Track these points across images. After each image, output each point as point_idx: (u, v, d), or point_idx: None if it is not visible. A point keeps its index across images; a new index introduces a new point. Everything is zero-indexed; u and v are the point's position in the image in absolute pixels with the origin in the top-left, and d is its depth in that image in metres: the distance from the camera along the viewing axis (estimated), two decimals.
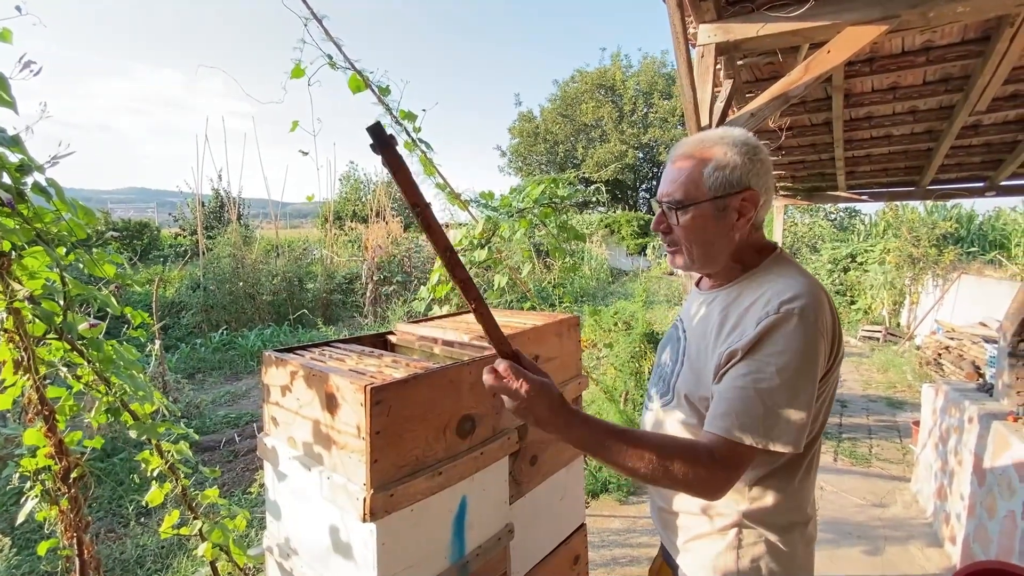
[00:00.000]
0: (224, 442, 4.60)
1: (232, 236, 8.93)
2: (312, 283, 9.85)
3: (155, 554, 3.00)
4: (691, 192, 0.95)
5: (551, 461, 1.74)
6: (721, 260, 0.99)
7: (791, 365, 0.82)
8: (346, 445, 1.13)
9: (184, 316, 8.27)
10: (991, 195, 3.93)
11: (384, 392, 1.08)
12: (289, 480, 1.33)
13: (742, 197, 0.93)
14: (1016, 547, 2.08)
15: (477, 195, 2.53)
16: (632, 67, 24.50)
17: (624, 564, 2.72)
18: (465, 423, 1.29)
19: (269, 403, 1.39)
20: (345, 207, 20.12)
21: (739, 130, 0.98)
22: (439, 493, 1.21)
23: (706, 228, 0.96)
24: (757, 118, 2.10)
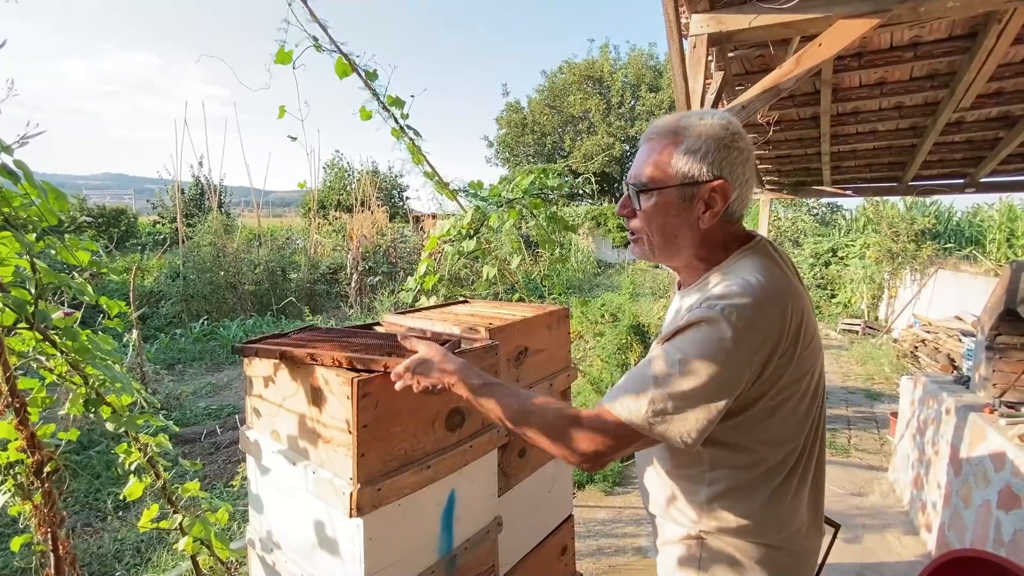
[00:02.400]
0: (205, 434, 4.52)
1: (213, 224, 8.74)
2: (296, 273, 9.71)
3: (134, 548, 2.94)
4: (657, 175, 0.88)
5: (540, 453, 1.73)
6: (684, 254, 0.93)
7: (697, 361, 0.77)
8: (332, 439, 1.11)
9: (163, 306, 8.10)
10: (971, 191, 4.01)
11: (371, 385, 1.06)
12: (273, 474, 1.29)
13: (711, 187, 0.86)
14: (991, 535, 2.13)
15: (466, 184, 2.49)
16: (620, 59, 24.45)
17: (610, 554, 2.74)
18: (454, 416, 1.27)
19: (252, 396, 1.36)
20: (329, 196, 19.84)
21: (721, 113, 0.90)
22: (427, 487, 1.19)
23: (668, 216, 0.89)
24: (748, 110, 2.10)
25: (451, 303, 2.08)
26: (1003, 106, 3.02)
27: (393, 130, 2.26)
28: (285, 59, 1.91)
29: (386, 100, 2.17)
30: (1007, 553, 1.97)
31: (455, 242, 2.52)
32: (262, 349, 1.19)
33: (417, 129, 2.26)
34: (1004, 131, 3.33)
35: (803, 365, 0.84)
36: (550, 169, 2.45)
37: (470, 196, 2.50)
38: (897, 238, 8.41)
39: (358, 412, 1.03)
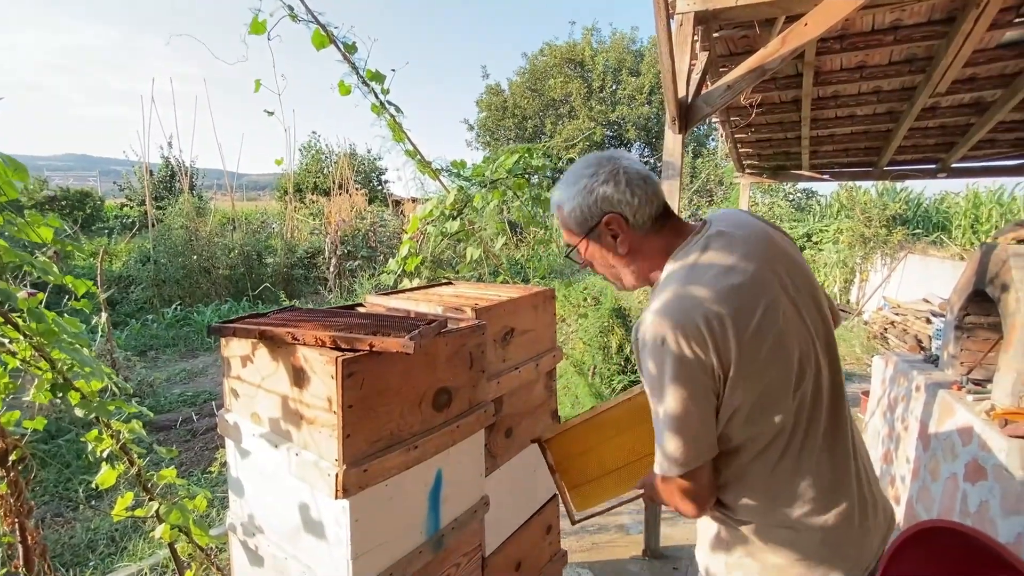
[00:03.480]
0: (180, 421, 4.42)
1: (184, 206, 8.47)
2: (272, 257, 9.49)
3: (108, 538, 2.87)
4: (570, 237, 1.04)
5: (525, 433, 1.73)
6: (639, 274, 1.01)
7: (661, 398, 0.85)
8: (316, 420, 1.08)
9: (134, 291, 7.84)
10: (943, 176, 4.11)
11: (357, 364, 1.03)
12: (253, 458, 1.26)
13: (604, 222, 0.96)
14: (957, 507, 2.22)
15: (448, 164, 2.44)
16: (603, 43, 24.26)
17: (593, 532, 2.78)
18: (441, 396, 1.25)
19: (230, 377, 1.32)
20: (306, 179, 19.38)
21: (576, 166, 1.01)
22: (414, 467, 1.18)
23: (598, 257, 1.02)
24: (733, 90, 2.09)
25: (435, 284, 2.05)
26: (976, 92, 3.08)
27: (373, 106, 2.19)
28: (259, 29, 1.82)
29: (365, 74, 2.10)
30: (973, 523, 2.05)
31: (438, 223, 2.47)
32: (240, 329, 1.14)
33: (398, 105, 2.19)
34: (975, 117, 3.41)
35: (760, 357, 0.84)
36: (534, 148, 2.42)
37: (453, 176, 2.45)
38: (869, 223, 8.61)
39: (343, 392, 1.01)
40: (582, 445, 1.28)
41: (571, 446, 1.29)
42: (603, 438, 1.27)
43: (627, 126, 23.28)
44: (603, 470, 1.26)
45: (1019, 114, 3.34)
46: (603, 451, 1.27)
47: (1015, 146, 3.80)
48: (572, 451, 1.28)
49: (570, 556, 2.42)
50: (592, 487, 1.27)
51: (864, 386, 5.47)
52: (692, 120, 2.20)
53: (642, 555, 2.55)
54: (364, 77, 2.10)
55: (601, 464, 1.26)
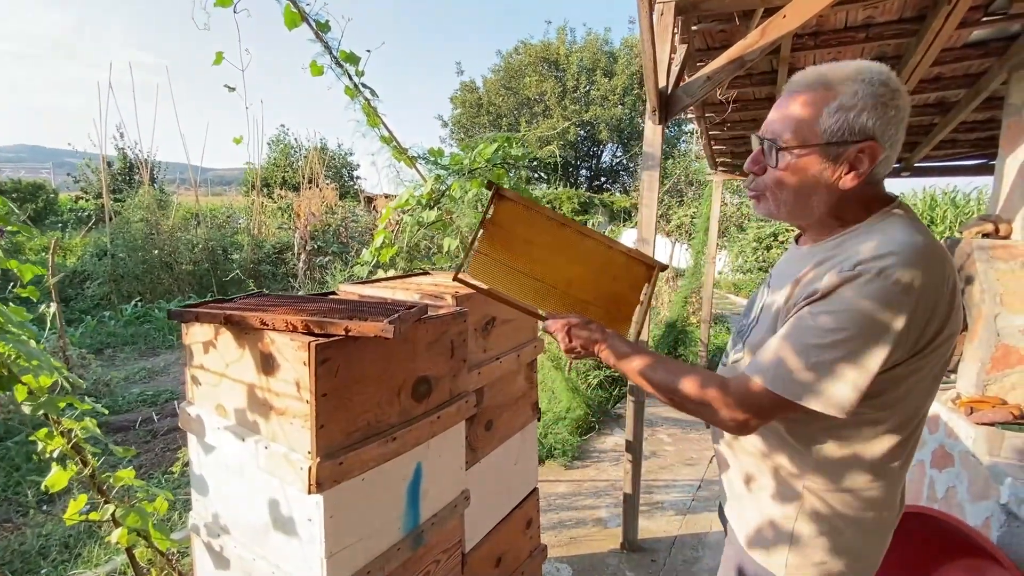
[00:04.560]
0: (140, 421, 4.22)
1: (144, 199, 8.11)
2: (238, 253, 9.18)
3: (61, 544, 2.70)
4: (802, 132, 0.82)
5: (506, 426, 1.69)
6: (815, 213, 0.87)
7: (847, 326, 0.74)
8: (287, 410, 1.01)
9: (89, 286, 7.47)
10: (906, 175, 4.24)
11: (331, 350, 0.96)
12: (218, 452, 1.18)
13: (860, 148, 0.80)
14: (924, 493, 2.28)
15: (425, 152, 2.38)
16: (576, 43, 24.39)
17: (571, 526, 2.75)
18: (421, 385, 1.20)
19: (192, 367, 1.23)
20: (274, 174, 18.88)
21: (878, 66, 0.82)
22: (393, 460, 1.12)
23: (806, 177, 0.83)
24: (713, 81, 2.09)
25: (412, 274, 1.98)
26: (941, 91, 3.18)
27: (347, 88, 2.11)
28: (226, 2, 1.72)
29: (339, 55, 2.01)
30: (940, 507, 2.11)
31: (414, 212, 2.40)
32: (204, 314, 1.06)
33: (373, 88, 2.12)
34: (939, 116, 3.52)
35: (952, 327, 0.80)
36: (514, 138, 2.37)
37: (430, 164, 2.39)
38: None
39: (316, 380, 0.94)
40: (530, 233, 1.08)
41: (519, 224, 1.08)
42: (554, 248, 1.08)
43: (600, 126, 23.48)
44: (528, 269, 1.08)
45: (980, 114, 3.46)
46: (543, 256, 1.08)
47: (975, 146, 3.94)
48: (516, 229, 1.07)
49: (548, 551, 2.39)
50: (502, 270, 1.07)
51: None
52: (672, 110, 2.19)
53: (620, 548, 2.53)
54: (338, 58, 2.02)
55: (531, 262, 1.08)
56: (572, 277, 1.10)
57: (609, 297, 1.11)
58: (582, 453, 3.60)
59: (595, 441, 3.82)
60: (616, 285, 1.11)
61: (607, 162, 25.83)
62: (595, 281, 1.10)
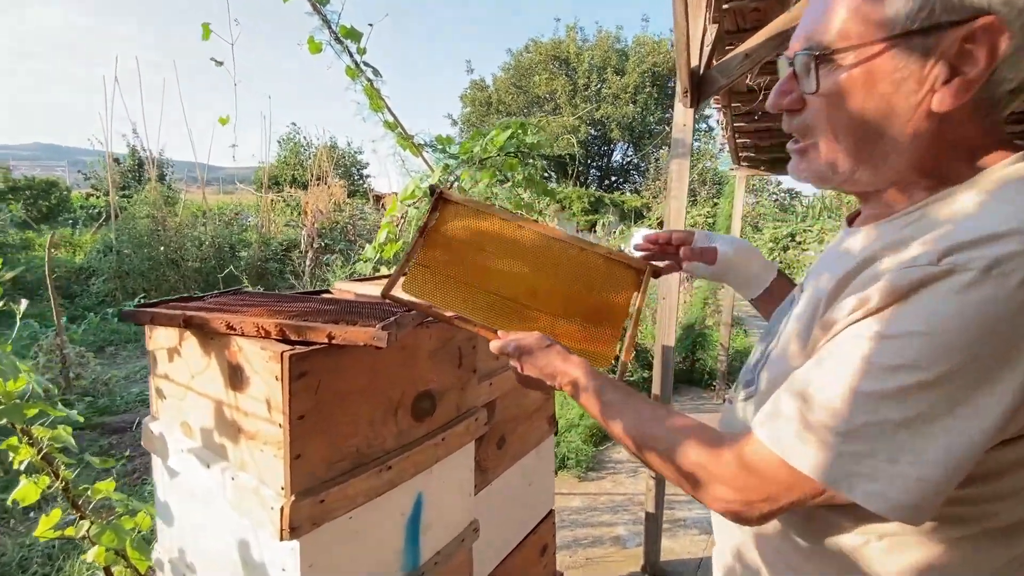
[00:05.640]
0: (136, 423, 4.07)
1: (150, 195, 8.02)
2: (246, 250, 9.08)
3: (44, 555, 2.55)
4: (858, 24, 0.51)
5: (520, 443, 1.49)
6: (891, 165, 0.54)
7: (929, 362, 0.44)
8: (257, 434, 0.82)
9: (94, 283, 7.39)
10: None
11: (310, 362, 0.78)
12: (183, 479, 1.00)
13: (966, 33, 0.47)
14: None
15: (432, 139, 2.20)
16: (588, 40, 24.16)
17: (586, 545, 2.55)
18: (423, 401, 1.01)
19: (156, 377, 1.05)
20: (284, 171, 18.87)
21: None
22: (388, 493, 0.93)
23: (872, 97, 0.51)
24: (752, 60, 1.88)
25: None
26: None
27: (348, 68, 1.93)
28: None
29: (339, 30, 1.83)
30: None
31: (420, 205, 2.21)
32: (161, 315, 0.88)
33: (376, 68, 1.93)
34: None
35: None
36: (529, 124, 2.18)
37: (438, 153, 2.21)
38: None
39: (291, 398, 0.75)
40: (482, 239, 0.89)
41: (468, 230, 0.89)
42: (513, 254, 0.89)
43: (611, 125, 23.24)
44: (480, 281, 0.88)
45: None
46: (500, 265, 0.88)
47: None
48: (464, 236, 0.88)
49: None
50: (449, 285, 0.87)
51: None
52: (706, 92, 1.99)
53: (641, 571, 2.33)
54: (337, 33, 1.84)
55: (484, 273, 0.88)
56: (536, 288, 0.89)
57: (586, 312, 0.89)
58: (597, 464, 3.39)
59: (611, 451, 3.61)
60: (593, 296, 0.89)
61: (618, 161, 25.58)
62: (566, 292, 0.89)
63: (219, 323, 0.82)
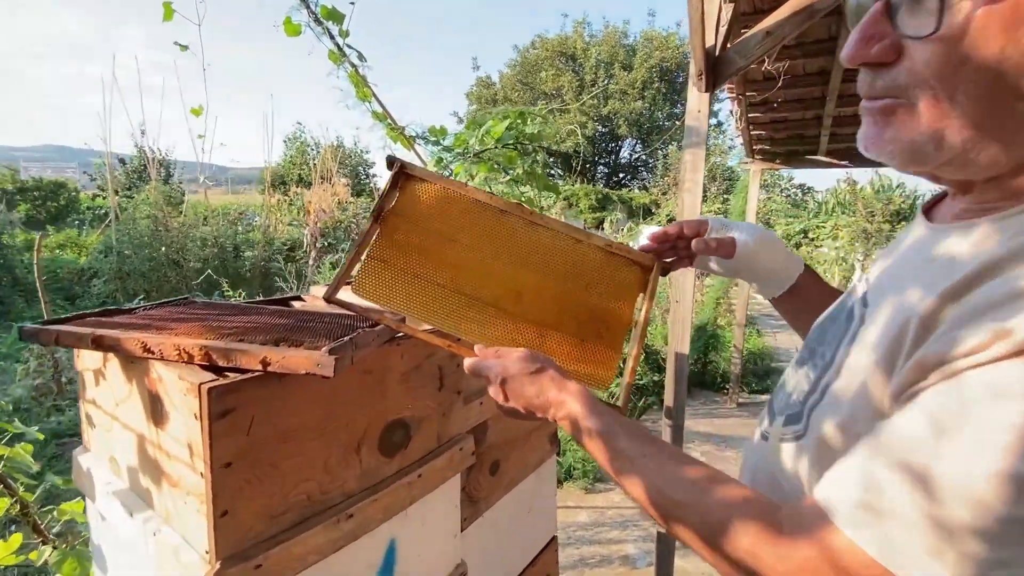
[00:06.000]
0: None
1: (151, 195, 7.94)
2: (251, 250, 8.99)
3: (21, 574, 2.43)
4: None
5: (517, 467, 1.33)
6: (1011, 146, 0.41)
7: None
8: (179, 481, 0.67)
9: (96, 284, 7.33)
10: None
11: (238, 395, 0.62)
12: (111, 525, 0.84)
13: None
14: None
15: (425, 131, 2.04)
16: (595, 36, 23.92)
17: (593, 565, 2.39)
18: (394, 433, 0.84)
19: (86, 402, 0.90)
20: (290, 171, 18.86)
21: None
22: (349, 546, 0.77)
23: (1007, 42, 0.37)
24: (773, 38, 1.71)
25: None
26: None
27: (330, 53, 1.77)
28: None
29: (319, 11, 1.68)
30: None
31: None
32: (66, 333, 0.72)
33: (361, 52, 1.78)
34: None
35: None
36: (529, 113, 2.01)
37: (431, 145, 2.05)
38: (872, 218, 8.33)
39: (213, 442, 0.60)
40: (453, 226, 0.73)
41: (436, 215, 0.73)
42: (493, 246, 0.73)
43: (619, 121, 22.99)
44: (451, 280, 0.73)
45: None
46: (476, 259, 0.73)
47: None
48: (431, 222, 0.73)
49: None
50: (412, 283, 0.72)
51: None
52: (722, 75, 1.81)
53: None
54: (317, 14, 1.68)
55: (456, 270, 0.73)
56: (522, 288, 0.73)
57: (582, 320, 0.74)
58: (605, 474, 3.23)
59: None
60: (593, 297, 0.74)
61: (626, 158, 25.32)
62: (559, 293, 0.73)
63: (134, 344, 0.67)
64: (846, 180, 9.09)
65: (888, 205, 8.40)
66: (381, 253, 0.72)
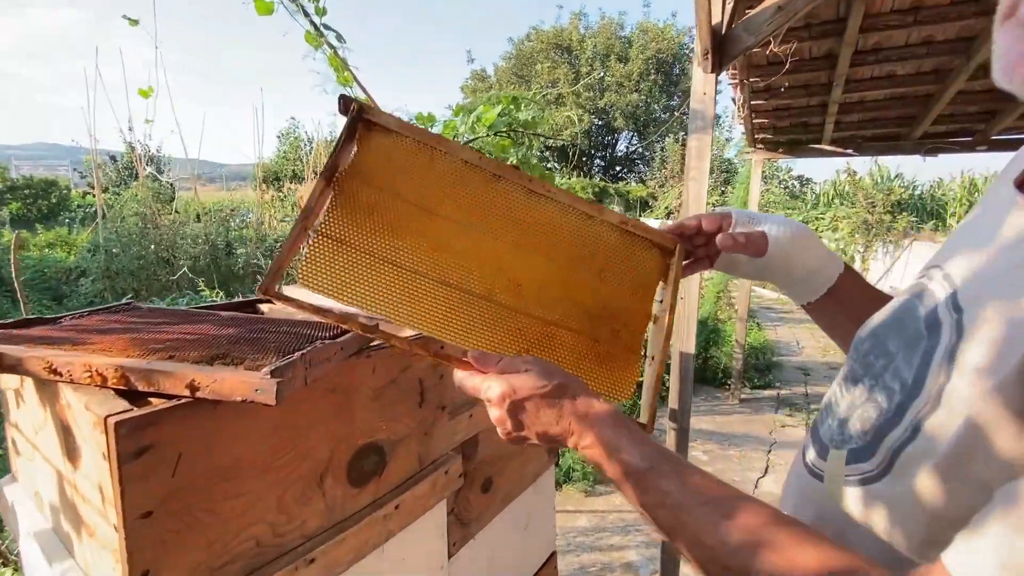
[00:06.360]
0: None
1: (139, 192, 7.78)
2: (243, 248, 8.85)
3: None
4: None
5: (511, 482, 1.22)
6: None
7: None
8: (95, 531, 0.55)
9: (83, 283, 7.17)
10: (982, 150, 3.66)
11: (158, 429, 0.50)
12: (34, 569, 0.73)
13: None
14: None
15: (412, 118, 1.92)
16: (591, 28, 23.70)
17: (594, 574, 2.29)
18: (365, 459, 0.73)
19: (10, 426, 0.78)
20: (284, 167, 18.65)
21: None
22: None
23: None
24: (785, 13, 1.58)
25: None
26: None
27: (307, 34, 1.64)
28: None
29: None
30: None
31: None
32: None
33: (340, 33, 1.64)
34: None
35: None
36: (523, 98, 1.89)
37: None
38: (873, 209, 8.23)
39: (125, 487, 0.48)
40: (431, 194, 0.58)
41: (408, 177, 0.58)
42: (483, 220, 0.59)
43: (615, 114, 22.81)
44: (430, 264, 0.58)
45: None
46: (463, 237, 0.59)
47: None
48: (402, 187, 0.57)
49: None
50: (370, 269, 0.56)
51: None
52: (729, 54, 1.69)
53: None
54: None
55: (435, 253, 0.58)
56: (522, 276, 0.59)
57: (596, 311, 0.61)
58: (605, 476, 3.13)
59: None
60: (607, 286, 0.61)
61: (622, 151, 25.17)
62: (568, 281, 0.60)
63: (38, 365, 0.55)
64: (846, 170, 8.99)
65: (889, 196, 8.30)
66: (335, 229, 0.55)
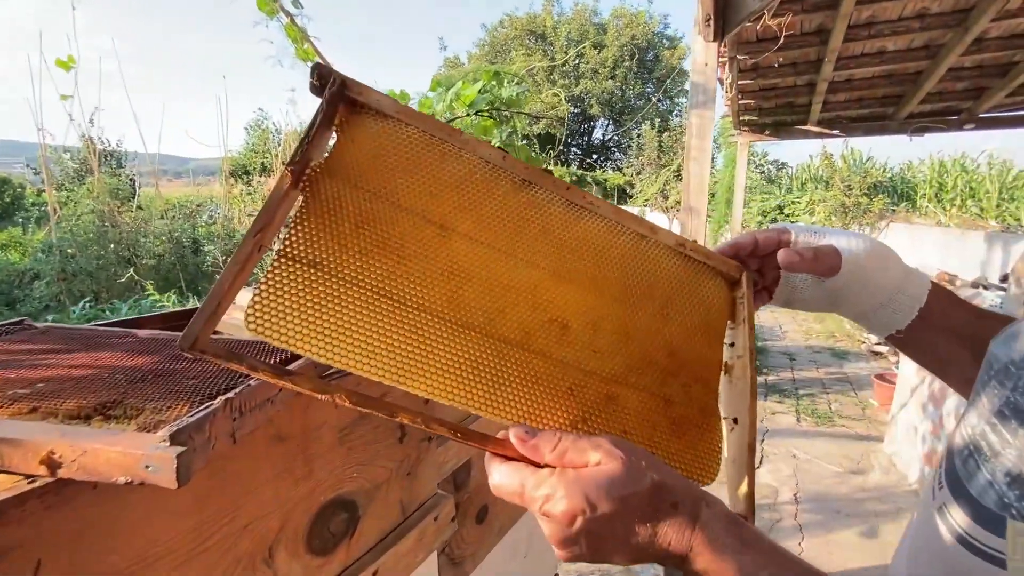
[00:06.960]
0: None
1: (95, 189, 7.35)
2: (211, 245, 8.47)
3: None
4: None
5: (510, 509, 1.07)
6: None
7: None
8: None
9: (38, 286, 6.76)
10: (969, 128, 3.62)
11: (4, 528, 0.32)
12: None
13: None
14: None
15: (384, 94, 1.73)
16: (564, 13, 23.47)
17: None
18: (331, 519, 0.56)
19: None
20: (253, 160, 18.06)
21: None
22: None
23: None
24: None
25: None
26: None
27: (258, 2, 1.43)
28: None
29: None
30: None
31: None
32: None
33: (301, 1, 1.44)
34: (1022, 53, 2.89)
35: None
36: (506, 72, 1.71)
37: None
38: (850, 192, 8.29)
39: None
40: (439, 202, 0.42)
41: (407, 185, 0.41)
42: (510, 237, 0.43)
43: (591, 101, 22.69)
44: (443, 301, 0.40)
45: None
46: (488, 266, 0.41)
47: None
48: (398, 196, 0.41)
49: None
50: (358, 305, 0.37)
51: (861, 366, 5.09)
52: (732, 19, 1.54)
53: None
54: None
55: (452, 285, 0.40)
56: (567, 315, 0.42)
57: (664, 362, 0.45)
58: None
59: None
60: (671, 327, 0.45)
61: (599, 139, 25.11)
62: (623, 322, 0.44)
63: None
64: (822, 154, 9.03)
65: (865, 178, 8.37)
66: (305, 248, 0.37)
